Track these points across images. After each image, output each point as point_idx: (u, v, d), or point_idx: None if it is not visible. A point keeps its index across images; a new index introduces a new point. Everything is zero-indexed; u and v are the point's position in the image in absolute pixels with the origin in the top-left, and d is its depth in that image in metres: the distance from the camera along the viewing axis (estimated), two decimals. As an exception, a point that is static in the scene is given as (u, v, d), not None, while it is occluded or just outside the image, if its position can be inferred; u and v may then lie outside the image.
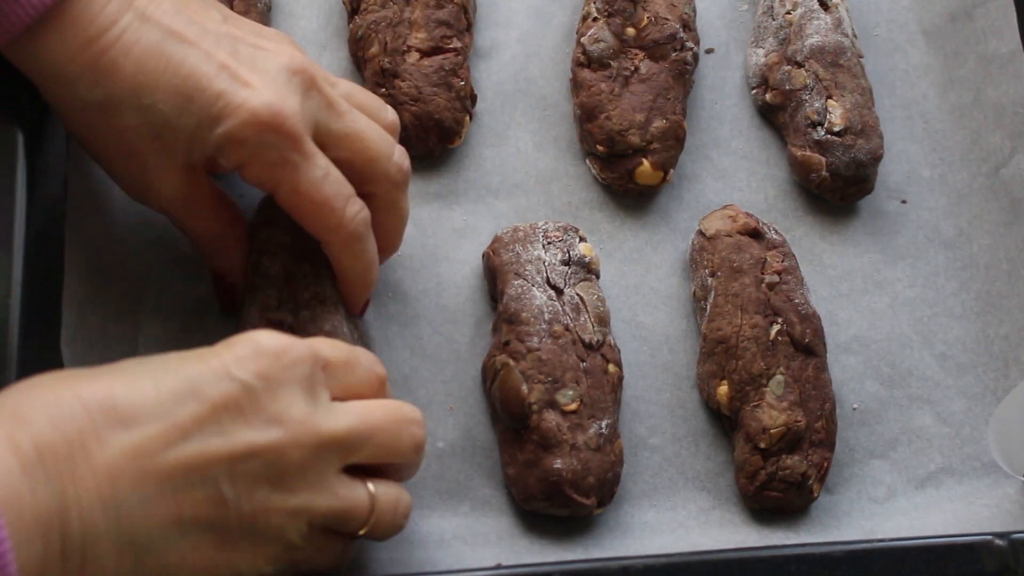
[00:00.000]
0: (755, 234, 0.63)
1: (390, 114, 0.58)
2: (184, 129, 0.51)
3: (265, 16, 0.66)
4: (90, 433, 0.43)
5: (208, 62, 0.51)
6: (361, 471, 0.49)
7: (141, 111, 0.50)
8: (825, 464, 0.60)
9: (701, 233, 0.64)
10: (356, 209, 0.54)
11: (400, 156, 0.56)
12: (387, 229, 0.57)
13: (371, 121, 0.55)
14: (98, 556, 0.42)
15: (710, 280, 0.62)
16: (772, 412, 0.59)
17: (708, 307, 0.62)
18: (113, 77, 0.50)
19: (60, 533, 0.42)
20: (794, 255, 0.64)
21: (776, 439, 0.59)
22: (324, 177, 0.52)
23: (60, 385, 0.45)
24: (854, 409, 0.64)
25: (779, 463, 0.59)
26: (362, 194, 0.55)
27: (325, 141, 0.53)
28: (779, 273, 0.62)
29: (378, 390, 0.50)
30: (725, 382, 0.61)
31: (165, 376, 0.45)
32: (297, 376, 0.46)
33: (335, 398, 0.48)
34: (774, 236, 0.64)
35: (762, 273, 0.62)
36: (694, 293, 0.64)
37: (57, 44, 0.50)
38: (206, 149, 0.51)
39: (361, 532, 0.49)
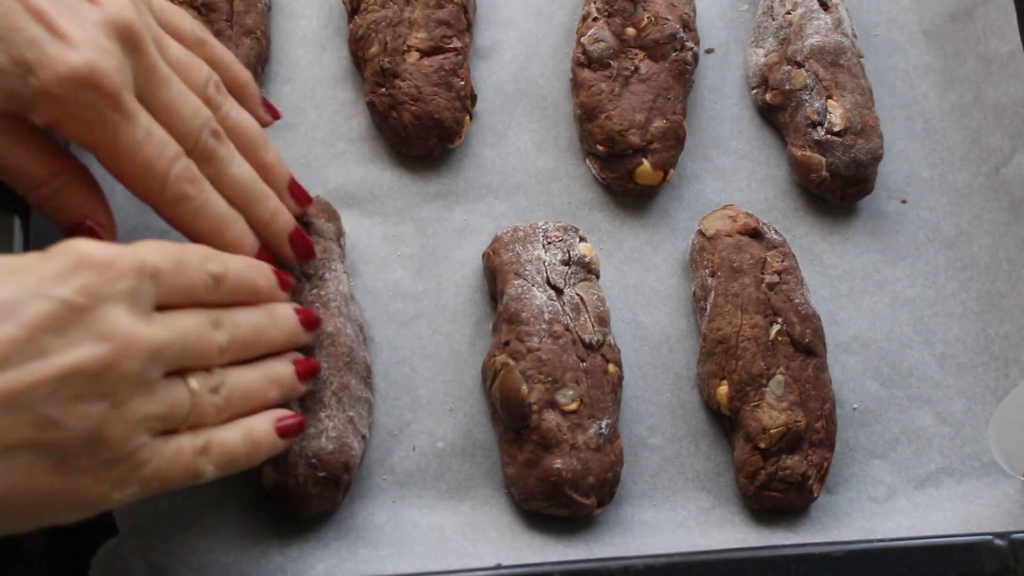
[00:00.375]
0: (755, 234, 0.63)
1: (204, 73, 0.54)
2: None
3: (265, 16, 0.66)
4: None
5: (26, 4, 0.47)
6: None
7: None
8: (825, 464, 0.60)
9: (701, 233, 0.64)
10: (180, 167, 0.51)
11: (208, 132, 0.52)
12: (230, 197, 0.54)
13: (189, 93, 0.52)
14: None
15: (710, 280, 0.62)
16: (772, 412, 0.59)
17: (708, 307, 0.62)
18: None
19: None
20: (794, 255, 0.64)
21: (776, 439, 0.59)
22: (145, 137, 0.49)
23: None
24: (854, 409, 0.64)
25: (779, 463, 0.59)
26: None
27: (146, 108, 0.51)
28: (779, 273, 0.62)
29: (211, 290, 0.49)
30: (725, 382, 0.61)
31: None
32: (122, 289, 0.44)
33: (164, 304, 0.46)
34: (774, 236, 0.64)
35: (762, 273, 0.62)
36: (694, 293, 0.64)
37: None
38: (13, 100, 0.48)
39: (197, 425, 0.48)
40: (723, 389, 0.61)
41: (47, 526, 0.44)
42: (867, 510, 0.61)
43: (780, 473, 0.59)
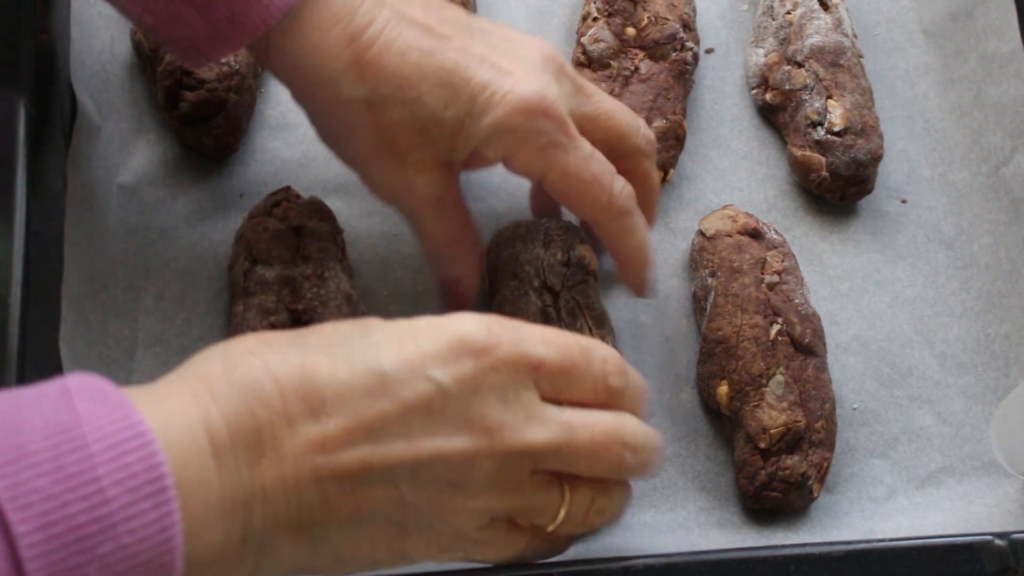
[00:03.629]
0: (755, 234, 0.63)
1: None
2: (450, 122, 0.52)
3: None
4: (281, 420, 0.42)
5: (468, 54, 0.52)
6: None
7: (407, 106, 0.51)
8: (825, 464, 0.60)
9: (701, 233, 0.64)
10: (621, 184, 0.55)
11: (645, 128, 0.58)
12: (644, 202, 0.58)
13: (614, 99, 0.58)
14: (277, 545, 0.42)
15: (710, 280, 0.62)
16: (772, 412, 0.59)
17: (708, 307, 0.62)
18: (378, 74, 0.51)
19: (242, 522, 0.41)
20: (794, 255, 0.64)
21: (776, 439, 0.59)
22: (590, 157, 0.54)
23: (252, 359, 0.43)
24: (854, 409, 0.64)
25: (779, 463, 0.59)
26: None
27: (578, 124, 0.54)
28: (779, 273, 0.62)
29: (604, 399, 0.47)
30: (725, 382, 0.60)
31: (361, 360, 0.43)
32: (498, 381, 0.44)
33: (549, 399, 0.46)
34: (774, 236, 0.64)
35: (762, 273, 0.62)
36: (694, 293, 0.64)
37: (316, 42, 0.50)
38: (471, 141, 0.52)
39: (549, 528, 0.48)
40: (723, 389, 0.60)
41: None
42: (867, 510, 0.61)
43: (780, 473, 0.59)
